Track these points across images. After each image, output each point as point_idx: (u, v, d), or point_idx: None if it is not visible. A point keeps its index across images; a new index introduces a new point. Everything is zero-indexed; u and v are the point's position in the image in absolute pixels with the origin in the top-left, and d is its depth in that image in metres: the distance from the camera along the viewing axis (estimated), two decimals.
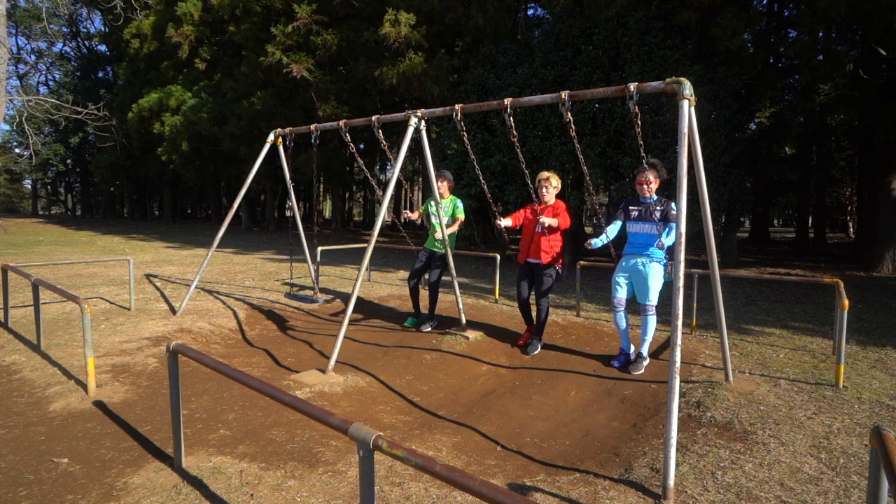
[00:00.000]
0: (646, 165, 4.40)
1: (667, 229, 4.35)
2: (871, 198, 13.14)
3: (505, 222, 5.01)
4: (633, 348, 4.81)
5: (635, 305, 4.69)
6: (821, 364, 4.79)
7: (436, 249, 5.97)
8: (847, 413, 3.66)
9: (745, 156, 12.61)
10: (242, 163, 22.00)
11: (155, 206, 45.50)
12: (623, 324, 4.71)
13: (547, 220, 4.77)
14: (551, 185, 5.01)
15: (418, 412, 4.09)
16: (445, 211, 5.81)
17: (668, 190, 4.44)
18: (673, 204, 4.07)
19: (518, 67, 12.41)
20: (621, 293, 4.63)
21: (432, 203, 5.86)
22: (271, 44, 15.88)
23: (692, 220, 6.72)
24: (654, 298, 4.44)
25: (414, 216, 6.09)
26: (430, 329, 5.99)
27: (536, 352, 5.24)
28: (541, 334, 5.37)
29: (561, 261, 5.15)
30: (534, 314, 5.43)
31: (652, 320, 4.51)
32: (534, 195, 5.01)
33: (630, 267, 4.57)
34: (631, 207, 4.61)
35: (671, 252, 4.27)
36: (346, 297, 7.56)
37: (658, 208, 4.43)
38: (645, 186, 4.46)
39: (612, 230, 4.71)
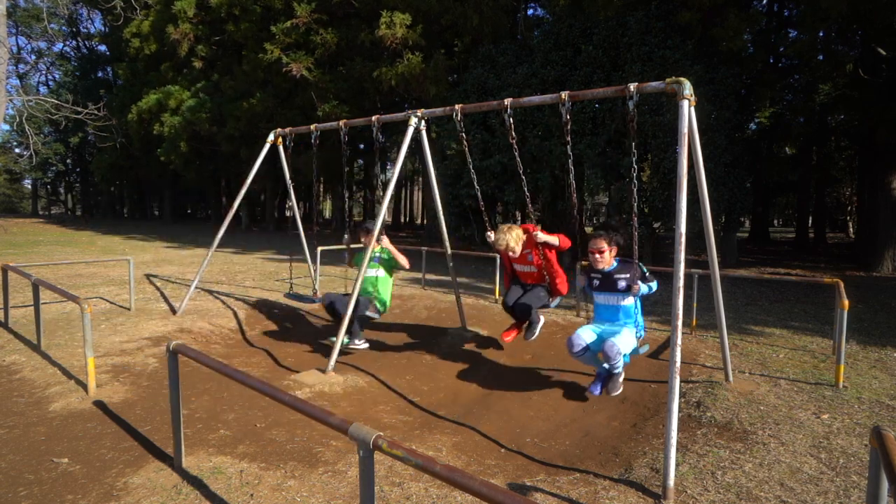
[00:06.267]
0: (598, 232, 3.78)
1: (646, 287, 3.67)
2: (871, 198, 13.14)
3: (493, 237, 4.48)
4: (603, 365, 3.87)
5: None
6: (821, 364, 4.79)
7: (366, 294, 5.23)
8: (847, 413, 3.66)
9: (745, 156, 12.63)
10: (242, 163, 22.00)
11: (155, 207, 45.42)
12: (583, 352, 3.83)
13: (542, 237, 4.13)
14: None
15: (418, 412, 4.09)
16: (376, 261, 5.24)
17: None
18: (643, 267, 3.65)
19: (518, 67, 12.42)
20: (584, 332, 3.83)
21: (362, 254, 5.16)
22: (270, 42, 15.87)
23: (692, 220, 6.73)
24: (622, 346, 3.62)
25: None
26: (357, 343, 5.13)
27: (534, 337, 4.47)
28: (533, 333, 4.51)
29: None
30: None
31: (619, 359, 3.69)
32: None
33: (600, 329, 3.96)
34: (592, 275, 3.93)
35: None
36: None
37: (621, 276, 3.71)
38: (597, 256, 3.78)
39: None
